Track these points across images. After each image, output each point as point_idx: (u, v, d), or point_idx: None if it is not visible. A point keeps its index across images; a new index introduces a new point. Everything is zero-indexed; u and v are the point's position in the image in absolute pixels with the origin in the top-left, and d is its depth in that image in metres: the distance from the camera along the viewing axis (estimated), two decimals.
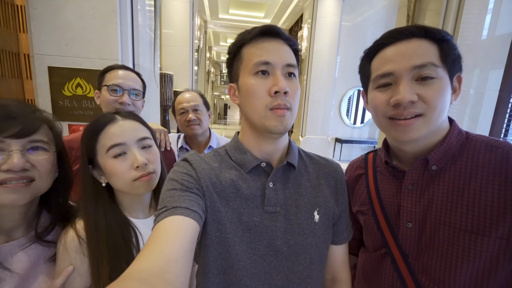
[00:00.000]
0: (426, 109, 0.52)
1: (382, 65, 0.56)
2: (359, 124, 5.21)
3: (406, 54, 0.53)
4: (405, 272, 0.58)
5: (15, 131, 0.51)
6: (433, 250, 0.55)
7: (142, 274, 0.33)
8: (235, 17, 7.25)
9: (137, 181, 0.62)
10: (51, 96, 1.51)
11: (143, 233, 0.65)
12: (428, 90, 0.52)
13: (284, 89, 0.49)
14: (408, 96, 0.51)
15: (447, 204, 0.54)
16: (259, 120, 0.51)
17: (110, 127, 0.62)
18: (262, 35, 0.52)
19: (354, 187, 0.74)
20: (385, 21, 4.88)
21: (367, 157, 0.74)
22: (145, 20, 1.85)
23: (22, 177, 0.52)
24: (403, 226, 0.59)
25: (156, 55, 2.04)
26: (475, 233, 0.50)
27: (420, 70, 0.52)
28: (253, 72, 0.51)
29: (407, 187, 0.60)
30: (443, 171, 0.56)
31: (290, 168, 0.57)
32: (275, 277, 0.52)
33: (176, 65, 4.21)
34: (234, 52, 0.55)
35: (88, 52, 1.53)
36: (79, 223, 0.60)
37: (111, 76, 0.99)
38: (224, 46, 11.40)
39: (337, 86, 4.93)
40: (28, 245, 0.57)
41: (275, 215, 0.52)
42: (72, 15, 1.48)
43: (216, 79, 17.59)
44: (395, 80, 0.54)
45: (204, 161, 0.55)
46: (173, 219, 0.42)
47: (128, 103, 0.99)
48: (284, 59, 0.51)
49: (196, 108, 1.27)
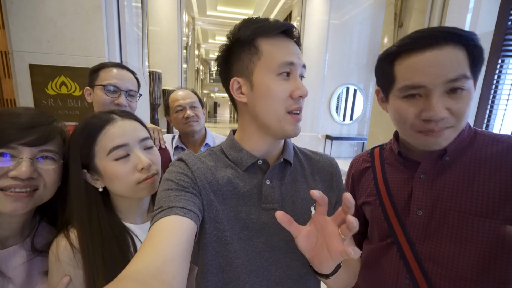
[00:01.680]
0: (456, 121, 0.54)
1: (412, 75, 0.54)
2: (348, 121, 5.31)
3: (438, 66, 0.51)
4: (411, 260, 0.60)
5: (30, 139, 0.50)
6: (441, 236, 0.58)
7: (138, 274, 0.32)
8: (223, 14, 7.16)
9: (141, 183, 0.59)
10: (33, 95, 1.44)
11: (141, 239, 0.63)
12: (458, 103, 0.53)
13: (307, 94, 0.50)
14: (441, 114, 0.52)
15: (458, 191, 0.57)
16: (277, 123, 0.50)
17: (109, 128, 0.58)
18: (283, 32, 0.51)
19: (361, 179, 0.76)
20: (371, 19, 4.97)
21: (373, 151, 0.77)
22: (131, 17, 1.79)
23: (27, 185, 0.51)
24: (412, 214, 0.62)
25: (144, 52, 1.98)
26: (484, 217, 0.54)
27: (452, 83, 0.52)
28: (277, 72, 0.49)
29: (419, 176, 0.62)
30: (454, 162, 0.59)
31: (286, 165, 0.57)
32: (273, 273, 0.52)
33: (164, 63, 4.12)
34: (246, 40, 0.49)
35: (72, 49, 1.47)
36: (72, 231, 0.57)
37: (107, 75, 0.94)
38: (213, 44, 11.26)
39: (326, 83, 4.99)
40: (29, 258, 0.56)
41: (272, 212, 0.53)
42: (53, 11, 1.41)
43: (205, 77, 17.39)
44: (426, 94, 0.54)
45: (200, 160, 0.55)
46: (169, 219, 0.41)
47: (125, 105, 0.95)
48: (302, 61, 0.52)
49: (193, 105, 1.25)
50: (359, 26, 4.99)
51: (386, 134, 2.21)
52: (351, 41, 5.02)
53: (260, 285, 0.52)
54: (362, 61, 5.14)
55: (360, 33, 5.02)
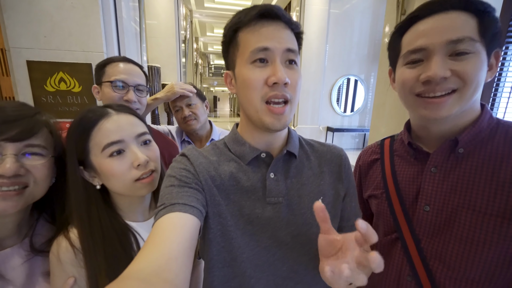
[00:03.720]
0: (461, 83, 0.49)
1: (415, 40, 0.52)
2: (349, 112, 5.27)
3: (441, 28, 0.49)
4: (415, 258, 0.58)
5: (12, 134, 0.48)
6: (450, 234, 0.54)
7: (141, 273, 0.32)
8: (221, 5, 7.03)
9: (138, 182, 0.57)
10: (32, 92, 1.43)
11: (143, 236, 0.62)
12: (464, 64, 0.48)
13: (284, 80, 0.45)
14: (441, 72, 0.48)
15: (473, 188, 0.52)
16: (255, 114, 0.49)
17: (104, 123, 0.55)
18: (260, 17, 0.47)
19: (368, 172, 0.74)
20: (373, 8, 4.87)
21: (383, 142, 0.73)
22: (129, 10, 1.76)
23: (14, 183, 0.49)
24: (419, 209, 0.59)
25: (142, 47, 1.96)
26: (501, 217, 0.49)
27: (456, 45, 0.48)
28: (250, 60, 0.47)
29: (430, 169, 0.58)
30: (471, 155, 0.54)
31: (290, 157, 0.56)
32: (280, 268, 0.52)
33: (163, 57, 4.07)
34: (229, 37, 0.51)
35: (69, 45, 1.44)
36: (72, 231, 0.55)
37: (113, 71, 0.90)
38: (211, 37, 11.10)
39: (327, 75, 4.94)
40: (29, 258, 0.54)
41: (278, 206, 0.52)
42: (49, 5, 1.38)
43: (204, 71, 17.22)
44: (427, 56, 0.51)
45: (202, 155, 0.54)
46: (171, 216, 0.41)
47: (134, 100, 0.91)
48: (284, 44, 0.47)
49: (189, 103, 1.24)
50: (360, 15, 4.89)
51: (388, 126, 2.19)
52: (352, 31, 4.93)
53: (267, 280, 0.51)
54: (363, 51, 5.06)
55: (361, 23, 4.93)
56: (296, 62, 0.50)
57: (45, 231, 0.59)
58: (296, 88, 0.49)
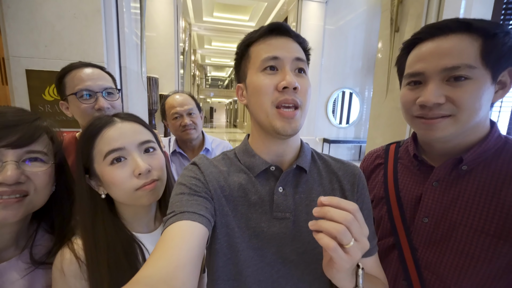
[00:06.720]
0: (456, 110, 0.50)
1: (414, 63, 0.55)
2: (344, 124, 5.35)
3: (439, 53, 0.50)
4: (411, 266, 0.58)
5: (12, 139, 0.46)
6: (446, 247, 0.55)
7: (149, 280, 0.32)
8: (219, 20, 7.22)
9: (139, 190, 0.55)
10: (30, 101, 1.41)
11: (148, 248, 0.59)
12: (459, 92, 0.49)
13: (293, 84, 0.46)
14: (433, 99, 0.50)
15: (472, 205, 0.53)
16: (266, 119, 0.49)
17: (107, 131, 0.55)
18: (270, 32, 0.50)
19: (371, 176, 0.74)
20: (366, 24, 5.07)
21: (389, 147, 0.74)
22: (130, 22, 1.78)
23: (15, 191, 0.47)
24: (418, 220, 0.59)
25: (143, 57, 1.97)
26: (497, 238, 0.49)
27: (451, 72, 0.49)
28: (261, 68, 0.49)
29: (432, 183, 0.59)
30: (473, 172, 0.54)
31: (301, 172, 0.54)
32: (283, 285, 0.50)
33: (161, 68, 4.11)
34: (241, 52, 0.54)
35: (70, 54, 1.45)
36: (76, 242, 0.53)
37: (74, 80, 0.81)
38: (209, 49, 11.31)
39: (322, 88, 5.04)
40: (29, 272, 0.51)
41: (284, 222, 0.50)
42: (51, 14, 1.39)
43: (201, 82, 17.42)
44: (425, 80, 0.53)
45: (213, 165, 0.53)
46: (180, 224, 0.41)
47: (107, 107, 0.82)
48: (293, 53, 0.49)
49: (190, 112, 1.22)
50: (354, 31, 5.07)
51: (384, 137, 2.22)
52: (346, 46, 5.10)
53: None
54: (357, 65, 5.21)
55: (355, 38, 5.10)
56: (305, 72, 0.51)
57: (45, 242, 0.56)
58: (306, 95, 0.49)
